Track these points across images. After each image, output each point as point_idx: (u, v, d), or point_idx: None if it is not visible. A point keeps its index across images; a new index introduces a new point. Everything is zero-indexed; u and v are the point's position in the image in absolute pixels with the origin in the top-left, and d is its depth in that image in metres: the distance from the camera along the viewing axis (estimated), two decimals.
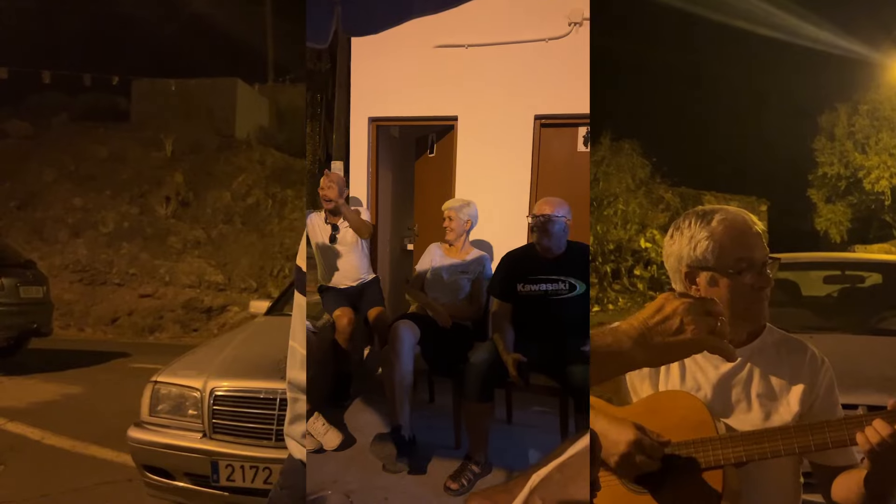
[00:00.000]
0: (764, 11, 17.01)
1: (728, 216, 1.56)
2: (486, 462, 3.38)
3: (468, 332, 3.93)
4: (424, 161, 5.92)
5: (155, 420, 3.50)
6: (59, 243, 13.67)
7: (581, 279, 3.51)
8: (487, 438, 3.40)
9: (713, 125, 23.82)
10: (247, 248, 13.47)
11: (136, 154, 15.45)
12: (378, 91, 5.30)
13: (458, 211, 4.20)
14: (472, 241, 4.38)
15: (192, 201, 14.58)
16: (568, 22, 4.85)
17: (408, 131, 6.17)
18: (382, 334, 3.98)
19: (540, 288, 3.53)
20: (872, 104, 17.77)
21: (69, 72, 14.90)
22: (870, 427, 1.34)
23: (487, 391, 3.35)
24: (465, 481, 3.23)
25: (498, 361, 3.38)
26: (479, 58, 5.04)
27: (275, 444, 3.23)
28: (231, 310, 12.30)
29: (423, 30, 5.09)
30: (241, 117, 17.20)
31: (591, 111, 4.76)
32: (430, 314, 3.88)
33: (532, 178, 5.09)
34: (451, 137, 5.29)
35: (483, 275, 4.12)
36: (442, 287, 4.12)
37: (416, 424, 3.49)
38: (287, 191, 14.56)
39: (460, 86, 5.14)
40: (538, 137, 5.08)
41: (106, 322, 12.32)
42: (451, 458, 3.43)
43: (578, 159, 5.09)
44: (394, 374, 3.40)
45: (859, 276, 4.90)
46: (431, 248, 4.33)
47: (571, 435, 1.30)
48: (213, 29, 19.31)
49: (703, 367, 1.61)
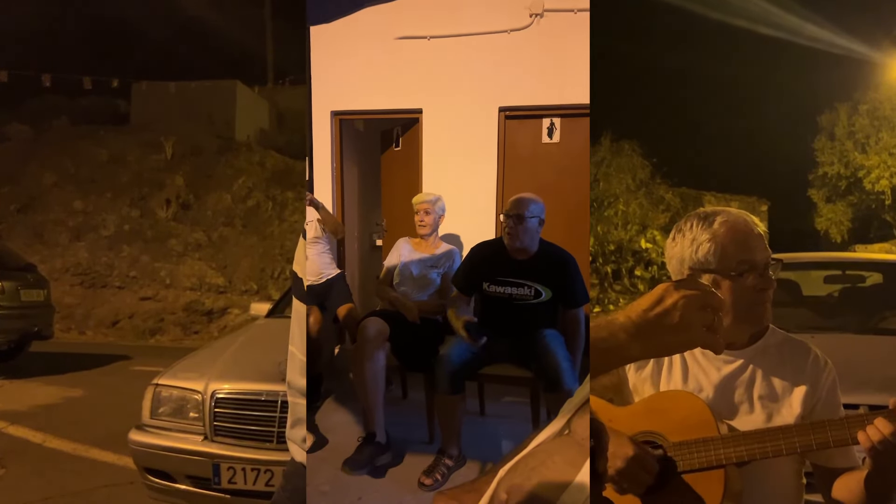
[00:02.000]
0: (764, 11, 17.04)
1: (730, 218, 1.56)
2: (460, 455, 3.38)
3: (438, 327, 3.89)
4: (390, 155, 5.88)
5: (156, 422, 3.50)
6: (60, 246, 13.68)
7: (547, 285, 3.46)
8: (460, 431, 3.39)
9: (713, 125, 23.83)
10: (247, 251, 13.47)
11: (137, 157, 15.46)
12: (340, 84, 5.24)
13: (433, 204, 4.18)
14: (441, 235, 4.37)
15: (192, 204, 14.58)
16: (529, 13, 4.87)
17: (372, 125, 6.15)
18: (353, 331, 3.96)
19: (505, 291, 3.51)
20: (872, 104, 17.75)
21: (69, 75, 14.91)
22: (871, 426, 1.34)
23: (458, 383, 3.34)
24: (438, 476, 3.22)
25: (468, 353, 3.38)
26: (441, 49, 5.04)
27: (276, 446, 3.23)
28: (232, 312, 12.30)
29: (382, 21, 5.08)
30: (241, 119, 17.21)
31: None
32: (399, 310, 3.86)
33: (498, 170, 5.11)
34: (417, 130, 5.27)
35: (453, 269, 4.07)
36: (412, 282, 4.08)
37: (389, 421, 3.47)
38: (287, 193, 14.56)
39: (424, 78, 5.12)
40: (503, 129, 5.09)
41: (107, 325, 12.32)
42: (425, 452, 3.43)
43: (543, 151, 5.12)
44: (364, 373, 3.36)
45: (860, 276, 4.89)
46: (400, 243, 4.30)
47: (544, 424, 1.32)
48: (213, 32, 19.33)
49: (706, 368, 1.61)
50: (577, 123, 5.04)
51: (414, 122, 5.34)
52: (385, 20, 5.12)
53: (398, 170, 5.75)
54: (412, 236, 4.33)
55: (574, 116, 5.03)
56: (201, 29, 19.75)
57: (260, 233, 13.92)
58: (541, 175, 5.05)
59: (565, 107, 4.98)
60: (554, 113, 5.07)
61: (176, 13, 20.08)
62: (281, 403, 3.26)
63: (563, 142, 5.10)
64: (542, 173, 5.08)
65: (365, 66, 5.18)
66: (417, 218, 4.18)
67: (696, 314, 1.09)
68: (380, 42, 5.13)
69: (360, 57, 5.16)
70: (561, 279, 3.48)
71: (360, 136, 6.18)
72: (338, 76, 5.26)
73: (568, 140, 5.08)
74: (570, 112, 5.02)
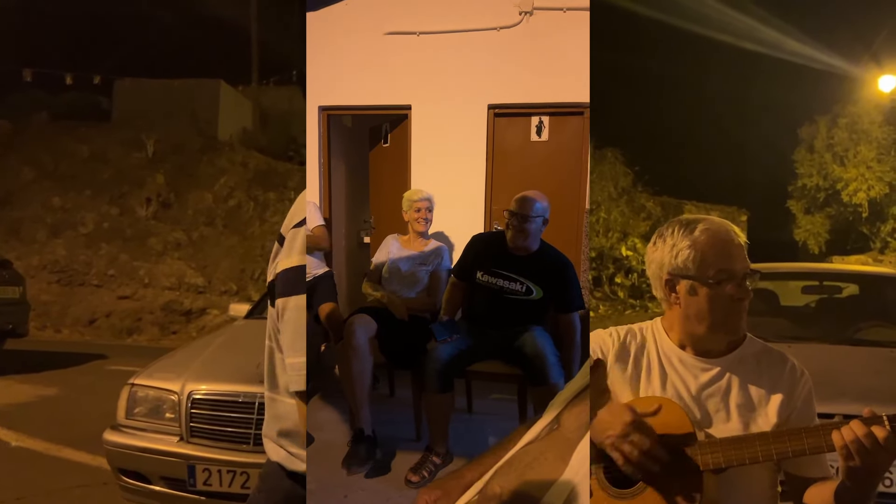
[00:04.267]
0: (746, 25, 17.20)
1: (711, 226, 1.57)
2: (447, 453, 3.39)
3: (426, 324, 3.90)
4: (379, 151, 5.84)
5: (131, 423, 3.46)
6: (37, 243, 13.51)
7: (540, 285, 3.48)
8: (448, 429, 3.41)
9: (695, 136, 24.02)
10: (228, 251, 13.38)
11: (117, 154, 15.31)
12: (328, 79, 5.20)
13: (430, 202, 4.19)
14: (430, 232, 4.37)
15: (173, 202, 14.46)
16: (519, 11, 4.86)
17: (361, 121, 6.10)
18: (336, 330, 3.94)
19: (497, 283, 3.54)
20: (851, 117, 17.96)
21: (51, 70, 14.75)
22: (846, 426, 1.35)
23: (447, 381, 3.36)
24: (426, 473, 3.23)
25: (455, 351, 3.39)
26: (431, 46, 5.02)
27: (253, 448, 3.20)
28: (211, 312, 12.19)
29: (371, 16, 5.05)
30: (225, 119, 17.10)
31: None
32: (387, 307, 3.85)
33: (487, 167, 5.11)
34: (406, 127, 5.25)
35: (441, 266, 4.09)
36: (400, 279, 4.09)
37: (377, 419, 3.47)
38: (269, 193, 14.48)
39: (413, 74, 5.10)
40: (492, 127, 5.09)
41: (83, 323, 12.18)
42: (413, 450, 3.45)
43: (532, 149, 5.12)
44: (351, 370, 3.36)
45: (837, 287, 4.95)
46: (388, 240, 4.30)
47: (530, 419, 1.32)
48: (198, 29, 19.20)
49: (684, 375, 1.61)
50: (565, 122, 5.05)
51: (403, 118, 5.30)
52: (374, 15, 5.08)
53: (387, 166, 5.71)
54: (401, 233, 4.31)
55: (563, 115, 5.04)
56: (185, 27, 19.59)
57: (241, 233, 13.83)
58: (529, 173, 5.07)
59: (554, 105, 4.99)
60: (543, 111, 5.07)
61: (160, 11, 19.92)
62: (258, 405, 3.24)
63: (552, 140, 5.10)
64: (531, 171, 5.09)
65: (353, 61, 5.14)
66: (419, 214, 4.17)
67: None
68: (368, 37, 5.09)
69: (348, 52, 5.11)
70: (556, 282, 3.51)
71: (348, 132, 6.13)
72: (326, 71, 5.20)
73: (557, 138, 5.09)
74: (559, 110, 5.03)
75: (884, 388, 3.17)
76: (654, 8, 16.72)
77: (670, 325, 1.66)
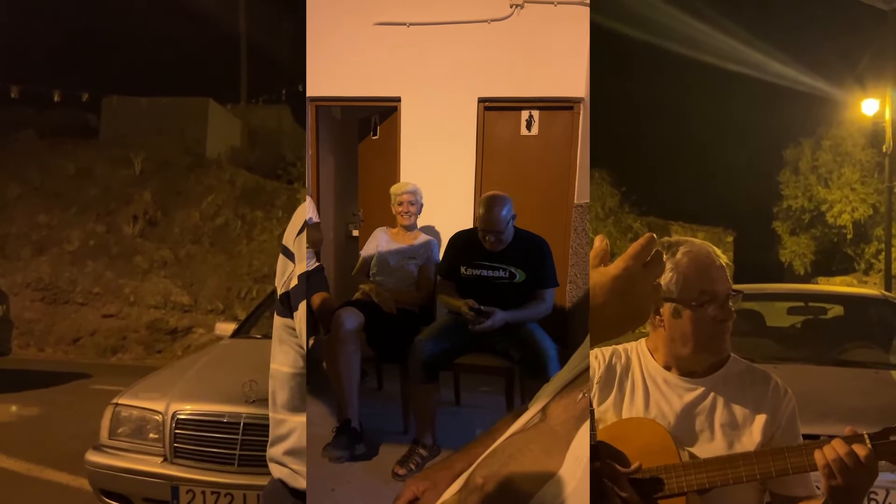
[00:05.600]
0: (732, 47, 17.42)
1: (693, 249, 1.58)
2: (435, 445, 3.37)
3: (415, 318, 3.89)
4: (368, 144, 5.77)
5: (114, 443, 3.42)
6: (22, 260, 13.40)
7: (521, 268, 3.51)
8: (434, 421, 3.40)
9: (682, 157, 24.25)
10: (214, 269, 13.32)
11: (105, 171, 15.25)
12: (316, 70, 5.12)
13: (416, 195, 4.16)
14: (419, 226, 4.35)
15: (159, 220, 14.40)
16: (510, 4, 4.84)
17: (349, 112, 6.03)
18: (327, 321, 3.93)
19: (482, 273, 3.56)
20: (835, 140, 18.21)
21: (38, 87, 14.70)
22: (828, 445, 1.36)
23: (431, 372, 3.35)
24: (413, 466, 3.22)
25: (441, 342, 3.38)
26: (421, 37, 4.96)
27: (237, 469, 3.17)
28: (196, 331, 12.11)
29: (360, 5, 4.97)
30: (213, 137, 17.10)
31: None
32: (375, 300, 3.83)
33: (477, 161, 5.06)
34: (395, 119, 5.18)
35: (431, 260, 4.08)
36: (389, 272, 4.07)
37: (365, 412, 3.45)
38: (257, 212, 14.45)
39: (403, 66, 5.03)
40: (482, 120, 5.04)
41: (67, 342, 12.06)
42: (400, 443, 3.43)
43: (522, 143, 5.09)
44: (338, 362, 3.33)
45: (822, 308, 4.98)
46: (377, 233, 4.28)
47: (518, 408, 1.32)
48: (187, 48, 19.25)
49: (668, 395, 1.62)
50: (556, 116, 5.00)
51: (392, 110, 5.23)
52: (363, 5, 4.98)
53: (376, 159, 5.65)
54: (390, 226, 4.29)
55: (553, 109, 4.99)
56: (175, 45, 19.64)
57: (228, 251, 13.77)
58: (519, 167, 5.03)
59: (545, 100, 4.95)
60: (533, 105, 5.01)
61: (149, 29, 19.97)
62: (244, 425, 3.21)
63: (542, 134, 5.05)
64: (521, 166, 5.05)
65: (342, 51, 5.05)
66: (402, 208, 4.15)
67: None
68: (358, 27, 5.00)
69: (337, 42, 5.02)
70: (533, 261, 3.53)
71: (337, 124, 6.06)
72: (314, 61, 5.12)
73: (546, 133, 5.04)
74: (550, 105, 4.98)
75: (868, 409, 3.18)
76: (640, 29, 16.94)
77: (655, 346, 1.67)
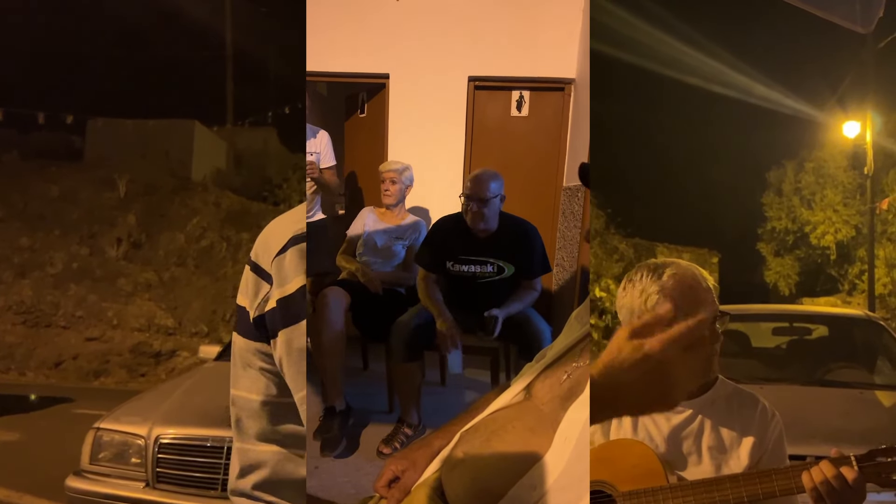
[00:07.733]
0: (716, 70, 17.60)
1: (679, 271, 1.58)
2: (420, 424, 3.35)
3: (401, 298, 3.84)
4: (355, 121, 5.66)
5: (96, 468, 3.38)
6: (3, 284, 13.26)
7: (509, 261, 3.45)
8: (419, 399, 3.38)
9: (667, 178, 24.43)
10: (199, 292, 13.23)
11: (89, 194, 15.16)
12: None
13: (399, 174, 4.07)
14: (408, 206, 4.28)
15: (144, 243, 14.32)
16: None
17: (336, 89, 5.91)
18: (312, 300, 3.90)
19: (469, 270, 3.50)
20: (818, 162, 18.42)
21: (22, 109, 14.65)
22: (815, 467, 1.37)
23: (415, 351, 3.31)
24: (397, 444, 3.19)
25: (424, 321, 3.35)
26: (411, 12, 4.84)
27: (220, 494, 3.13)
28: (180, 354, 12.01)
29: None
30: (199, 159, 17.05)
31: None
32: (361, 280, 3.78)
33: (466, 141, 4.97)
34: (383, 96, 5.07)
35: (419, 241, 4.01)
36: (375, 253, 4.02)
37: (350, 392, 3.43)
38: (242, 234, 14.39)
39: (392, 41, 4.91)
40: (472, 100, 4.95)
41: (49, 366, 11.92)
42: (386, 422, 3.40)
43: (511, 124, 5.02)
44: (322, 343, 3.28)
45: (807, 329, 5.01)
46: (364, 213, 4.22)
47: (501, 384, 1.30)
48: (173, 69, 19.27)
49: (655, 418, 1.61)
50: (546, 98, 4.95)
51: (380, 87, 5.12)
52: None
53: (363, 137, 5.55)
54: (377, 206, 4.24)
55: (544, 90, 4.94)
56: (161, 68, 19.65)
57: (212, 274, 13.70)
58: (508, 148, 4.97)
59: (535, 80, 4.88)
60: (524, 86, 4.94)
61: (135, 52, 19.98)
62: (227, 449, 3.17)
63: (532, 116, 4.98)
64: (510, 147, 4.99)
65: (329, 25, 4.89)
66: (383, 187, 4.08)
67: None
68: (345, 1, 4.86)
69: (323, 15, 4.85)
70: (521, 250, 3.48)
71: (324, 101, 5.97)
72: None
73: (536, 114, 4.98)
74: (540, 86, 4.92)
75: (853, 430, 3.20)
76: (624, 51, 17.10)
77: None
